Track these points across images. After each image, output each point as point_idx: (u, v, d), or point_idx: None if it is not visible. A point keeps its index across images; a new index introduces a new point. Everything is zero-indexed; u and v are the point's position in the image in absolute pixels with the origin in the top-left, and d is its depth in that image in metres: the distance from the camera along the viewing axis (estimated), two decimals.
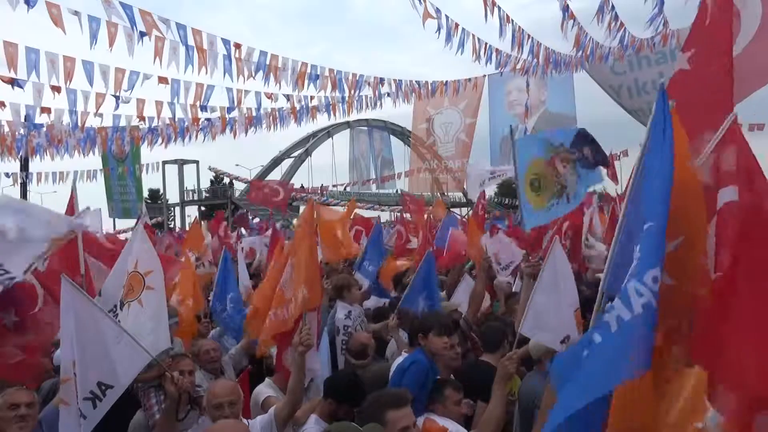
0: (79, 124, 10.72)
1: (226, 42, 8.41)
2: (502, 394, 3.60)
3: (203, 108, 10.80)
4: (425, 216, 11.58)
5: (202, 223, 12.99)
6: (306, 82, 10.25)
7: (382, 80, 12.54)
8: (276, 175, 50.53)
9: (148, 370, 3.50)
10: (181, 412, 3.51)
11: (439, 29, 8.46)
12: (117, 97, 9.46)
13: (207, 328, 6.41)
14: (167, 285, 4.50)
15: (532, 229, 5.58)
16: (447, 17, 8.69)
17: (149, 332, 3.65)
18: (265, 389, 4.22)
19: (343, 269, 8.39)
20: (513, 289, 6.73)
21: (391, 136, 48.67)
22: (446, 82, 15.49)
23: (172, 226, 48.72)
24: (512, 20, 9.07)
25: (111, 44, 6.96)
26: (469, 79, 16.76)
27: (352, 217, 11.06)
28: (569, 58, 13.33)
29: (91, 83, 8.19)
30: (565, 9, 9.01)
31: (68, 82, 8.04)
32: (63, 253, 4.44)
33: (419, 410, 3.53)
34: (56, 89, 8.53)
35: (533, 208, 5.16)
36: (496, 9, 8.39)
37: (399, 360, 4.42)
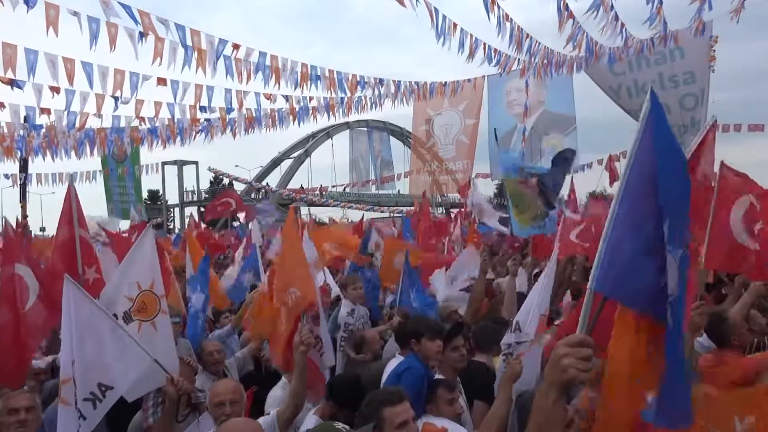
0: (77, 125, 10.70)
1: (224, 42, 8.39)
2: (508, 395, 3.63)
3: (202, 109, 10.78)
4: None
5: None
6: (306, 82, 10.22)
7: (381, 81, 12.52)
8: (275, 175, 50.76)
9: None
10: (180, 415, 3.51)
11: (437, 30, 8.44)
12: (116, 98, 9.45)
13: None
14: None
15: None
16: (444, 17, 8.67)
17: (162, 354, 3.59)
18: (279, 392, 4.21)
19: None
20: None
21: (391, 137, 48.69)
22: (445, 83, 15.47)
23: (171, 227, 48.69)
24: (511, 19, 9.05)
25: (112, 45, 6.93)
26: (469, 80, 16.74)
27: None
28: (569, 58, 13.31)
29: (90, 85, 8.17)
30: (565, 8, 8.98)
31: (71, 83, 8.01)
32: (63, 252, 4.45)
33: (417, 415, 3.55)
34: (55, 90, 8.52)
35: (518, 224, 6.20)
36: (495, 8, 8.36)
37: (393, 363, 4.45)
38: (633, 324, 1.73)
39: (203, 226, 21.10)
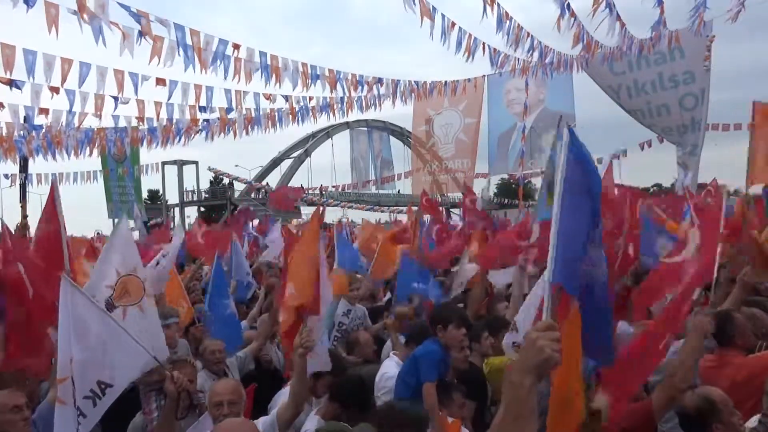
0: (76, 125, 10.69)
1: (225, 42, 8.37)
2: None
3: (202, 109, 10.76)
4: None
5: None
6: (307, 82, 10.20)
7: (380, 80, 12.50)
8: (275, 175, 50.70)
9: (149, 374, 3.50)
10: (180, 412, 3.51)
11: (432, 29, 8.42)
12: (116, 99, 9.44)
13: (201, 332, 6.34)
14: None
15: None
16: (443, 16, 8.66)
17: (150, 338, 3.60)
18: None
19: None
20: None
21: (391, 137, 48.66)
22: (445, 82, 15.46)
23: (171, 227, 48.65)
24: (511, 17, 9.03)
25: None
26: (469, 80, 16.71)
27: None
28: (569, 57, 13.30)
29: (80, 84, 8.14)
30: (566, 7, 8.97)
31: (63, 83, 8.00)
32: (48, 249, 4.44)
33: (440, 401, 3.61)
34: (54, 90, 8.50)
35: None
36: (495, 7, 8.35)
37: (387, 363, 4.46)
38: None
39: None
